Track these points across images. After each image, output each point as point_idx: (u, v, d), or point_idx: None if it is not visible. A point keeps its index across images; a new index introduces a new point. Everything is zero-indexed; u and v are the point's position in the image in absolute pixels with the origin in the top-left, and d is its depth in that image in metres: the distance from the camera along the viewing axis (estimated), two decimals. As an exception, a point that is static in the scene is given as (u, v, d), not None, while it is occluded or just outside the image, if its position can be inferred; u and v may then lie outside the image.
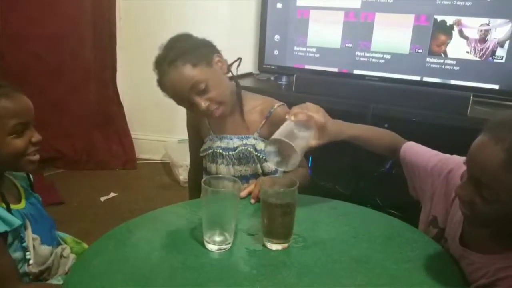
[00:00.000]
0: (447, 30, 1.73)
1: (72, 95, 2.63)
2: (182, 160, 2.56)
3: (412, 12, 1.77)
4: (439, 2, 1.71)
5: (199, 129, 1.31)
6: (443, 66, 1.77)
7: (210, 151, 1.24)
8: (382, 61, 1.87)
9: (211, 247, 0.81)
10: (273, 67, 2.12)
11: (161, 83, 1.13)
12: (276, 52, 2.09)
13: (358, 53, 1.91)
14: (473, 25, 1.69)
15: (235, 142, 1.23)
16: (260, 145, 1.21)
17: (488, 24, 1.66)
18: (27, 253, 0.93)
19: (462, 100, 1.68)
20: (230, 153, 1.22)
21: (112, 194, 2.36)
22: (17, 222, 0.90)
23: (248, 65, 2.35)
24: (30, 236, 0.94)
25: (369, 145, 1.05)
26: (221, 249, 0.81)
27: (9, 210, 0.91)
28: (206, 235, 0.81)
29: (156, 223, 0.93)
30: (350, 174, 1.94)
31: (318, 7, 1.93)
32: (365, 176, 1.90)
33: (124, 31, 2.64)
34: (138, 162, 2.82)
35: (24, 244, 0.92)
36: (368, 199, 1.72)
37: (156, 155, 2.89)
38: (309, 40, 1.99)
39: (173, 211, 0.98)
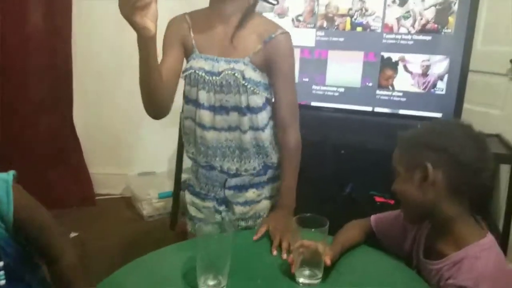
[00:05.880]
0: (393, 66, 1.90)
1: (24, 130, 2.54)
2: (144, 194, 2.55)
3: (361, 49, 1.92)
4: (385, 41, 1.88)
5: (184, 44, 1.13)
6: (391, 98, 1.94)
7: (191, 71, 1.09)
8: (336, 94, 2.01)
9: (205, 291, 0.85)
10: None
11: None
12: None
13: (314, 86, 2.04)
14: (415, 61, 1.87)
15: (221, 65, 1.07)
16: (250, 72, 1.07)
17: (428, 60, 1.85)
18: None
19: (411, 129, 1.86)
20: (214, 78, 1.07)
21: (73, 234, 2.29)
22: None
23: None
24: None
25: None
26: (214, 292, 0.84)
27: None
28: (200, 280, 0.84)
29: (146, 271, 0.93)
30: (313, 199, 2.04)
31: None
32: (327, 201, 2.01)
33: (80, 65, 2.61)
34: (96, 198, 2.76)
35: None
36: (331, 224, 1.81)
37: (115, 189, 2.85)
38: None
39: (162, 256, 0.99)
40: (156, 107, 1.06)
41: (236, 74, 1.05)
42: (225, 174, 1.18)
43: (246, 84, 1.06)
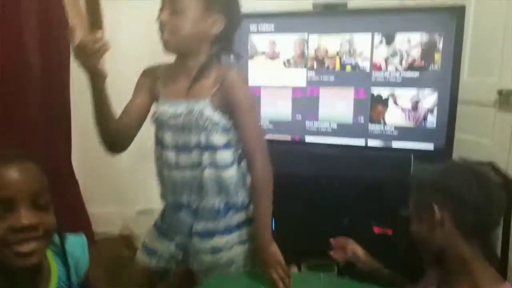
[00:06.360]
0: (383, 101, 1.94)
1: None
2: (143, 231, 2.54)
3: (351, 87, 1.97)
4: (374, 79, 1.93)
5: (152, 91, 1.25)
6: (383, 132, 1.97)
7: (157, 115, 1.21)
8: (329, 129, 2.05)
9: None
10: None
11: None
12: (231, 125, 2.21)
13: (307, 123, 2.08)
14: (405, 96, 1.91)
15: (183, 107, 1.17)
16: (209, 112, 1.15)
17: (417, 95, 1.89)
18: None
19: (405, 161, 1.90)
20: (177, 119, 1.17)
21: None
22: None
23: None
24: None
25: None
26: None
27: None
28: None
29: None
30: (311, 234, 2.05)
31: (268, 86, 2.10)
32: (325, 236, 2.02)
33: (78, 104, 2.64)
34: (95, 237, 2.75)
35: None
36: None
37: (114, 228, 2.84)
38: (262, 114, 2.13)
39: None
40: (110, 141, 1.20)
41: (195, 113, 1.14)
42: (190, 211, 1.23)
43: (204, 123, 1.14)
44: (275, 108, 2.11)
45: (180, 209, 1.25)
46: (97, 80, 1.05)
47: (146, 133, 2.51)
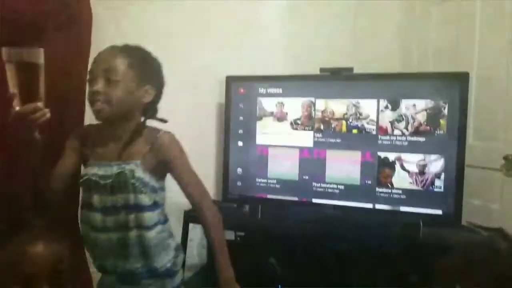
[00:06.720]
0: (390, 165, 1.95)
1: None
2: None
3: (358, 149, 1.99)
4: (380, 142, 1.96)
5: (81, 152, 1.28)
6: (391, 195, 1.96)
7: (85, 177, 1.22)
8: (337, 191, 2.05)
9: None
10: (236, 196, 2.23)
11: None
12: (239, 183, 2.22)
13: (314, 184, 2.08)
14: (411, 160, 1.92)
15: (114, 169, 1.20)
16: (140, 173, 1.18)
17: (424, 160, 1.91)
18: None
19: (414, 227, 1.87)
20: (107, 181, 1.19)
21: None
22: None
23: (211, 194, 2.42)
24: None
25: None
26: None
27: None
28: None
29: None
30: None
31: (275, 145, 2.13)
32: None
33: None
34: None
35: None
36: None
37: None
38: (269, 173, 2.15)
39: None
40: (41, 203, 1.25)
41: (126, 172, 1.18)
42: (115, 277, 1.24)
43: (134, 182, 1.18)
44: (283, 168, 2.13)
45: (107, 274, 1.27)
46: (32, 147, 1.09)
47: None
